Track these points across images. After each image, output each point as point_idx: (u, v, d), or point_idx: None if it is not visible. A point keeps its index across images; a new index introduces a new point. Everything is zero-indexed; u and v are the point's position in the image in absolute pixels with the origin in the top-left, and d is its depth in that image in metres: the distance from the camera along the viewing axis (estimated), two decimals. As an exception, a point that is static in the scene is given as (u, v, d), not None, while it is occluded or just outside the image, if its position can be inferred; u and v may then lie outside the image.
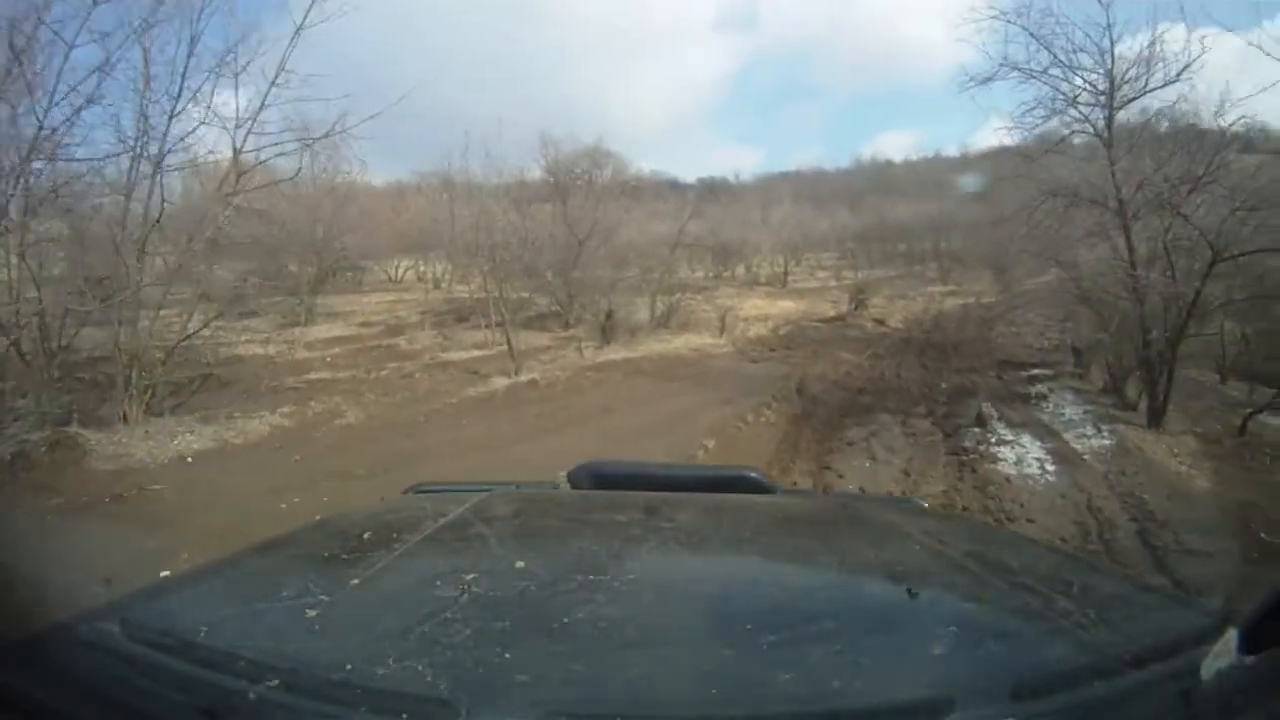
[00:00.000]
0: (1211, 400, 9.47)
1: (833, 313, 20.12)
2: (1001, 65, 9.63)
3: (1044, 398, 10.44)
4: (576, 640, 0.83)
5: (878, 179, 39.14)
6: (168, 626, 0.83)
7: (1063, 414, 9.52)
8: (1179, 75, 8.76)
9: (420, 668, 0.74)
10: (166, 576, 1.02)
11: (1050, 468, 7.11)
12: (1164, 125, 9.59)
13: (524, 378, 11.05)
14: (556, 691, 0.73)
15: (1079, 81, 9.39)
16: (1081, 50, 9.33)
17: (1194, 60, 8.63)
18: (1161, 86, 8.96)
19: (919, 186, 33.85)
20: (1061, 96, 9.52)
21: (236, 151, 8.93)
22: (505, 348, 11.81)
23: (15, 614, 0.91)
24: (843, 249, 31.31)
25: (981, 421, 8.64)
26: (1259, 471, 7.04)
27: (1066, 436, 8.24)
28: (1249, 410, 8.21)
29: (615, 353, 13.83)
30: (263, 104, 8.82)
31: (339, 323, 16.59)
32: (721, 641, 0.85)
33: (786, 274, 26.83)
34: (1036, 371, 12.42)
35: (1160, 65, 8.91)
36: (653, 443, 7.26)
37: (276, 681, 0.71)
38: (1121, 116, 9.28)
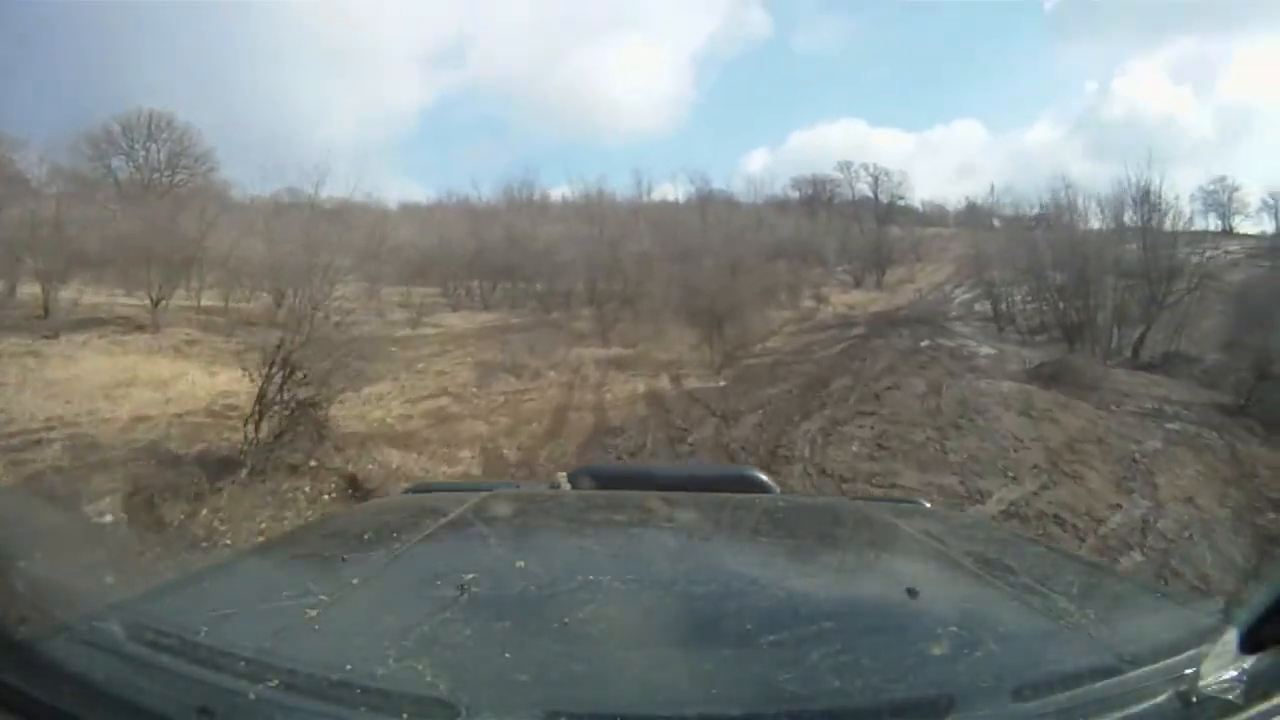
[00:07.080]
0: None
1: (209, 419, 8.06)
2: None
3: None
4: (576, 640, 0.83)
5: (528, 211, 30.91)
6: (168, 626, 0.82)
7: None
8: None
9: (420, 668, 0.74)
10: (167, 577, 1.01)
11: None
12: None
13: None
14: (556, 691, 0.72)
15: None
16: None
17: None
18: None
19: (578, 218, 27.47)
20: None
21: None
22: None
23: (15, 614, 0.91)
24: (451, 283, 21.81)
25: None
26: None
27: None
28: None
29: None
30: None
31: None
32: (721, 641, 0.85)
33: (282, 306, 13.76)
34: None
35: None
36: None
37: (276, 681, 0.71)
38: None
